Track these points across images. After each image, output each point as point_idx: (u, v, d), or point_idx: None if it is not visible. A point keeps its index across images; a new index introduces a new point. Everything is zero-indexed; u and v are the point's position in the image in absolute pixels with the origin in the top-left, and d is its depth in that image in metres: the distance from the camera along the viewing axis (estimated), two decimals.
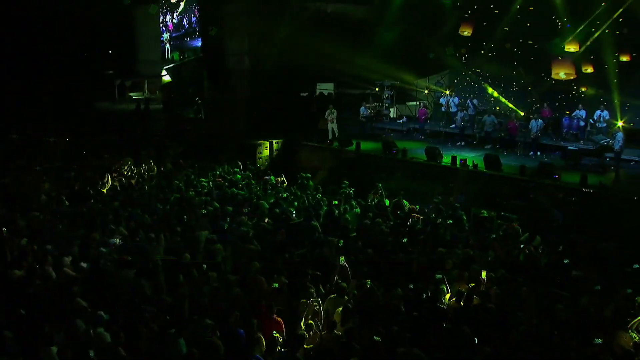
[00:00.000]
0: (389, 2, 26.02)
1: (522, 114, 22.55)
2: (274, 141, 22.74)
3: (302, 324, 9.21)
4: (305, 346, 8.58)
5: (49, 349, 7.96)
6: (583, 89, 21.89)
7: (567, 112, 21.30)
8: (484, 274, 10.67)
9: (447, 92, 24.49)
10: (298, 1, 25.25)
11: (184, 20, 44.64)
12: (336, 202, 15.18)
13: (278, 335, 8.62)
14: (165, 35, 38.74)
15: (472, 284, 10.50)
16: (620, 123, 18.99)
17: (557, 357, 8.25)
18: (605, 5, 19.84)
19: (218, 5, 24.67)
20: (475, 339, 8.51)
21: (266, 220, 14.02)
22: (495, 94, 24.54)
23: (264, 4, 24.31)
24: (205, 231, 12.76)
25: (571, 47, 19.17)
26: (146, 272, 10.42)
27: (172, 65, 35.30)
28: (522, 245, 12.72)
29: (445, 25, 25.55)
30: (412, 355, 8.03)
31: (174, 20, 43.54)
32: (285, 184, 18.07)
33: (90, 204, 14.62)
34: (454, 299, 10.20)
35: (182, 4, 43.22)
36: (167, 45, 38.67)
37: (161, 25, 39.71)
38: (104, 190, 16.30)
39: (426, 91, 26.85)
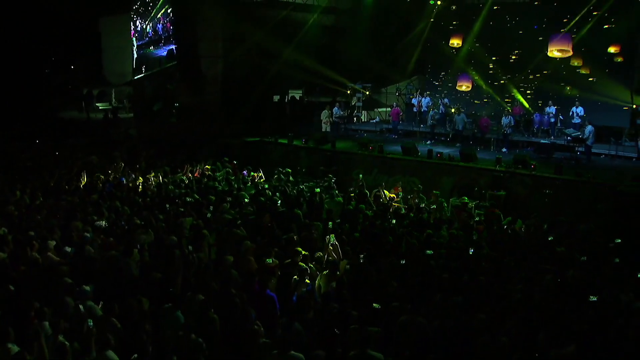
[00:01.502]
0: (359, 10, 26.44)
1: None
2: (249, 140, 22.66)
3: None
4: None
5: (43, 323, 7.73)
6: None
7: (540, 104, 21.76)
8: (470, 251, 10.76)
9: (417, 93, 24.85)
10: (268, 8, 25.43)
11: (148, 27, 44.40)
12: (318, 189, 15.15)
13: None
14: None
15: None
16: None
17: (551, 319, 8.30)
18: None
19: (192, 10, 24.68)
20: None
21: (249, 208, 13.90)
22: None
23: (237, 11, 24.46)
24: (189, 218, 12.61)
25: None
26: (133, 252, 10.21)
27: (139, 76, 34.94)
28: (505, 227, 12.88)
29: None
30: (415, 322, 8.02)
31: (143, 28, 43.29)
32: (262, 179, 17.99)
33: (68, 198, 14.29)
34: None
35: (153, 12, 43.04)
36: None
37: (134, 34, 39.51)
38: (81, 186, 15.94)
39: (397, 93, 27.17)
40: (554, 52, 18.35)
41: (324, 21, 27.53)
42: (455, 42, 23.47)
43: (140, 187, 15.86)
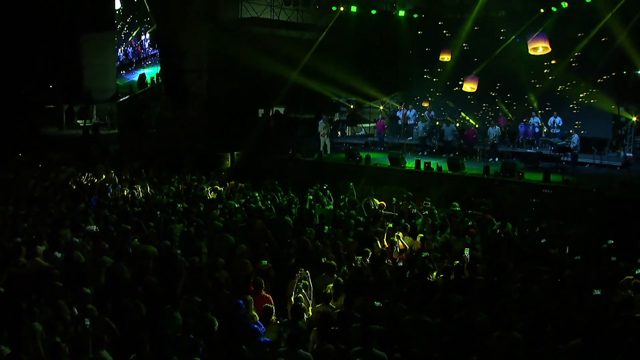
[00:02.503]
0: (342, 27, 26.63)
1: (476, 125, 23.09)
2: (236, 152, 22.53)
3: (292, 298, 9.00)
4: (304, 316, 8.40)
5: (33, 324, 7.50)
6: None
7: (524, 120, 21.99)
8: (466, 252, 10.72)
9: (402, 106, 25.00)
10: (252, 25, 25.51)
11: (119, 51, 43.92)
12: (311, 196, 15.06)
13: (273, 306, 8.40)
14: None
15: (457, 262, 10.53)
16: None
17: (553, 316, 8.26)
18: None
19: (177, 24, 24.69)
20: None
21: (239, 216, 13.77)
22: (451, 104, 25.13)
23: (221, 27, 24.54)
24: (179, 224, 12.44)
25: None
26: (125, 257, 10.02)
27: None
28: (497, 231, 12.89)
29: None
30: (420, 320, 7.94)
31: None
32: (249, 190, 17.80)
33: (54, 206, 14.02)
34: (441, 275, 10.19)
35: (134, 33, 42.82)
36: None
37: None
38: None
39: (381, 107, 27.30)
40: (537, 49, 18.99)
41: (307, 36, 27.67)
42: (445, 57, 23.70)
43: (129, 196, 15.59)
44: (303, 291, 9.12)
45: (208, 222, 12.91)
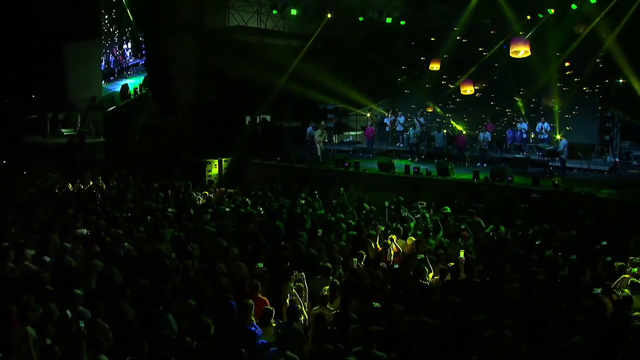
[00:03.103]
0: (328, 36, 26.69)
1: (464, 131, 23.15)
2: (223, 159, 22.38)
3: (287, 300, 8.88)
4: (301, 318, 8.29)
5: (25, 328, 7.30)
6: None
7: (514, 122, 22.13)
8: (462, 254, 10.68)
9: (390, 113, 25.03)
10: (238, 33, 25.47)
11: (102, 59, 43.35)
12: (302, 201, 14.97)
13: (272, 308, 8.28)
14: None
15: (452, 264, 10.47)
16: (558, 137, 19.97)
17: (552, 315, 8.23)
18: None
19: (164, 31, 24.61)
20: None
21: (230, 221, 13.62)
22: (438, 110, 25.22)
23: (208, 34, 24.48)
24: (170, 229, 12.28)
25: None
26: (116, 260, 9.85)
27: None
28: (491, 233, 12.88)
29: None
30: (419, 321, 7.87)
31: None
32: (238, 196, 17.68)
33: (42, 211, 13.78)
34: (436, 277, 10.14)
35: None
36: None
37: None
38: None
39: (368, 114, 27.31)
40: (518, 52, 19.40)
41: (294, 44, 27.69)
42: (435, 66, 23.81)
43: (116, 202, 15.39)
44: (296, 294, 9.02)
45: (199, 227, 12.75)
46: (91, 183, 18.17)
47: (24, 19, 29.95)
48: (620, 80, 21.36)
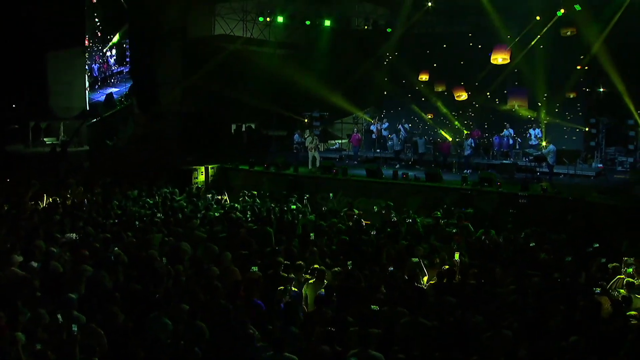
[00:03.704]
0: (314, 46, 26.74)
1: (449, 137, 23.25)
2: (210, 166, 22.20)
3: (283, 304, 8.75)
4: None
5: (14, 333, 7.09)
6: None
7: (506, 127, 22.22)
8: (457, 256, 10.63)
9: (376, 120, 25.05)
10: (223, 41, 25.40)
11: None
12: (294, 206, 14.86)
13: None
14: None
15: (447, 267, 10.42)
16: (544, 143, 20.15)
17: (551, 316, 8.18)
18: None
19: (150, 39, 24.46)
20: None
21: (219, 226, 13.47)
22: (429, 117, 25.29)
23: (194, 42, 24.40)
24: (159, 234, 12.09)
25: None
26: (106, 265, 9.65)
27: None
28: (482, 237, 12.85)
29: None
30: (418, 322, 7.79)
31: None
32: (227, 202, 17.53)
33: (27, 218, 13.51)
34: (432, 281, 10.06)
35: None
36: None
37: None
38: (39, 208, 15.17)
39: (354, 121, 27.30)
40: (498, 59, 19.58)
41: (279, 52, 27.67)
42: (424, 77, 23.93)
43: (102, 209, 15.13)
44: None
45: (188, 232, 12.57)
46: (77, 190, 17.86)
47: (6, 27, 29.51)
48: (601, 89, 21.63)
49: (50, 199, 16.40)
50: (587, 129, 21.97)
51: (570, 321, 7.76)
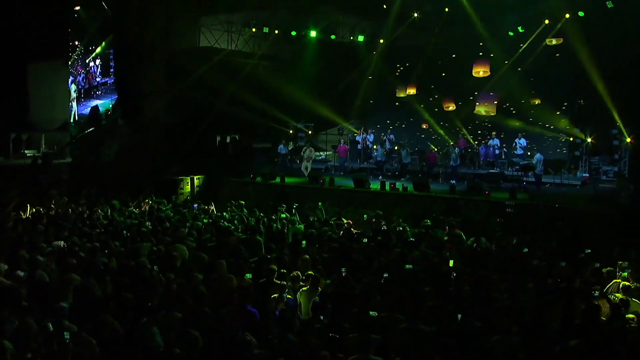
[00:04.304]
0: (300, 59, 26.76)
1: (435, 148, 23.28)
2: (196, 177, 22.01)
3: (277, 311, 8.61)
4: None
5: (1, 342, 6.87)
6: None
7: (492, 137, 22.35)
8: (451, 263, 10.56)
9: (362, 131, 25.08)
10: (209, 53, 25.36)
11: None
12: (284, 215, 14.73)
13: None
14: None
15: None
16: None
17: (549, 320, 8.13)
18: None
19: (135, 49, 24.34)
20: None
21: (207, 235, 13.28)
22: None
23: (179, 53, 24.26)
24: (147, 243, 11.88)
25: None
26: (95, 273, 9.44)
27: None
28: (474, 245, 12.82)
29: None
30: (416, 328, 7.67)
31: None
32: (214, 213, 17.32)
33: (11, 228, 13.22)
34: (427, 288, 9.95)
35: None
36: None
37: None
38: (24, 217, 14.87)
39: (340, 132, 27.29)
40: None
41: (263, 64, 27.63)
42: (411, 90, 24.03)
43: (88, 219, 14.87)
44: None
45: (177, 241, 12.37)
46: (60, 201, 17.58)
47: None
48: (581, 101, 21.88)
49: (34, 209, 16.08)
50: (571, 139, 22.08)
51: (570, 325, 7.70)
